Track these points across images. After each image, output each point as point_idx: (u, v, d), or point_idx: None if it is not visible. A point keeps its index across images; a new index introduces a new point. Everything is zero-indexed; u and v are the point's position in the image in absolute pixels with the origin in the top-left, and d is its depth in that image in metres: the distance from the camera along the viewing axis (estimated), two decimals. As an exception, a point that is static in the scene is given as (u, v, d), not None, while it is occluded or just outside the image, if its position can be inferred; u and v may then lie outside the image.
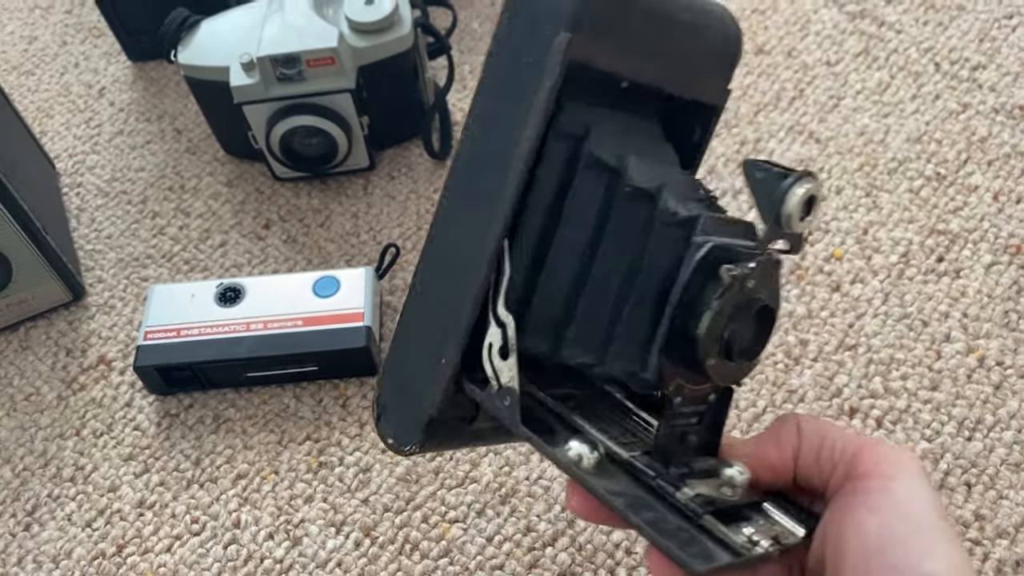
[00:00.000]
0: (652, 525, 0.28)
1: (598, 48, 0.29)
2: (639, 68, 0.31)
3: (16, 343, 0.59)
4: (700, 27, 0.32)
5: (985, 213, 0.58)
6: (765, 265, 0.28)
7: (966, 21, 0.68)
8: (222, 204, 0.65)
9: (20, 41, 0.79)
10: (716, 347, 0.28)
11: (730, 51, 0.33)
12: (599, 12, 0.29)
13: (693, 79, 0.33)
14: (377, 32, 0.59)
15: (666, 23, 0.31)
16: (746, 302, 0.28)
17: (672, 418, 0.30)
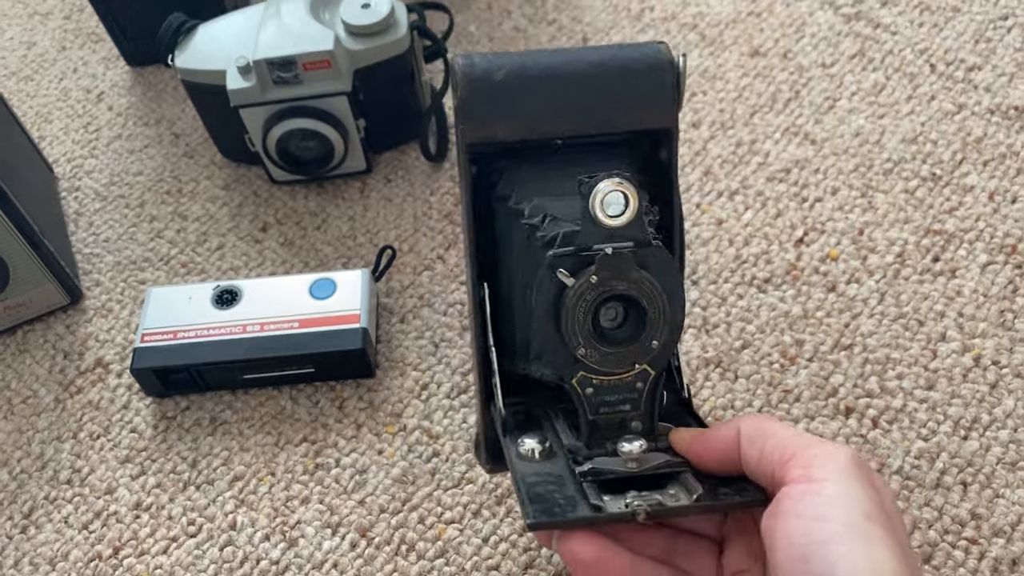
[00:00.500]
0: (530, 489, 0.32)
1: (490, 127, 0.36)
2: (551, 126, 0.36)
3: (14, 346, 0.59)
4: (607, 71, 0.36)
5: (980, 213, 0.58)
6: (605, 260, 0.31)
7: (961, 22, 0.68)
8: (219, 207, 0.65)
9: (19, 47, 0.79)
10: (579, 339, 0.32)
11: (663, 79, 0.36)
12: (476, 103, 0.35)
13: (624, 115, 0.36)
14: (373, 35, 0.59)
15: (553, 84, 0.36)
16: (602, 295, 0.32)
17: (592, 408, 0.34)
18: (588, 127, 0.36)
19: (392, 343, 0.56)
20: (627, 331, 0.33)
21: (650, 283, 0.32)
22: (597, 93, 0.36)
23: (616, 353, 0.33)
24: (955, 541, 0.45)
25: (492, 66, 0.36)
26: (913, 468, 0.48)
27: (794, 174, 0.61)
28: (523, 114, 0.36)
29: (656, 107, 0.36)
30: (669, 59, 0.36)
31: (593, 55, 0.36)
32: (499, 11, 0.75)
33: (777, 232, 0.58)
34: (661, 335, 0.33)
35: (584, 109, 0.36)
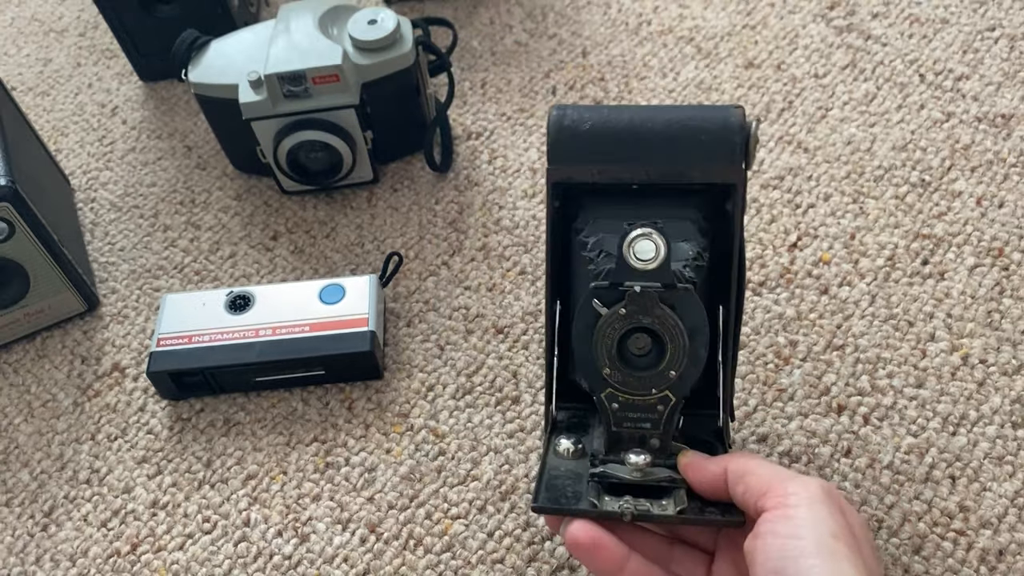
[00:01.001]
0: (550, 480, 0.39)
1: (572, 169, 0.41)
2: (625, 174, 0.40)
3: (33, 352, 0.61)
4: (681, 129, 0.40)
5: (968, 217, 0.59)
6: (633, 297, 0.36)
7: (949, 34, 0.70)
8: (231, 217, 0.67)
9: (36, 63, 0.81)
10: (606, 360, 0.37)
11: (732, 139, 0.39)
12: (562, 149, 0.41)
13: (693, 170, 0.40)
14: (380, 50, 0.61)
15: (631, 137, 0.40)
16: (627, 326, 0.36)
17: (616, 421, 0.38)
18: (657, 177, 0.40)
19: (399, 346, 0.58)
20: (648, 360, 0.37)
21: (673, 320, 0.36)
22: (669, 148, 0.40)
23: (637, 377, 0.37)
24: (944, 533, 0.47)
25: (581, 118, 0.41)
26: (903, 463, 0.50)
27: (788, 181, 0.63)
28: (600, 162, 0.40)
29: (722, 164, 0.39)
30: (739, 122, 0.39)
31: (671, 114, 0.40)
32: (501, 26, 0.77)
33: (771, 237, 0.60)
34: (680, 366, 0.37)
35: (656, 161, 0.40)
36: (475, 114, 0.71)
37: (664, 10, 0.76)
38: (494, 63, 0.74)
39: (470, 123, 0.71)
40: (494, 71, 0.74)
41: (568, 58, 0.74)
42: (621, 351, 0.37)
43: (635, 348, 0.37)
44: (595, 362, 0.37)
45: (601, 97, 0.70)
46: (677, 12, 0.76)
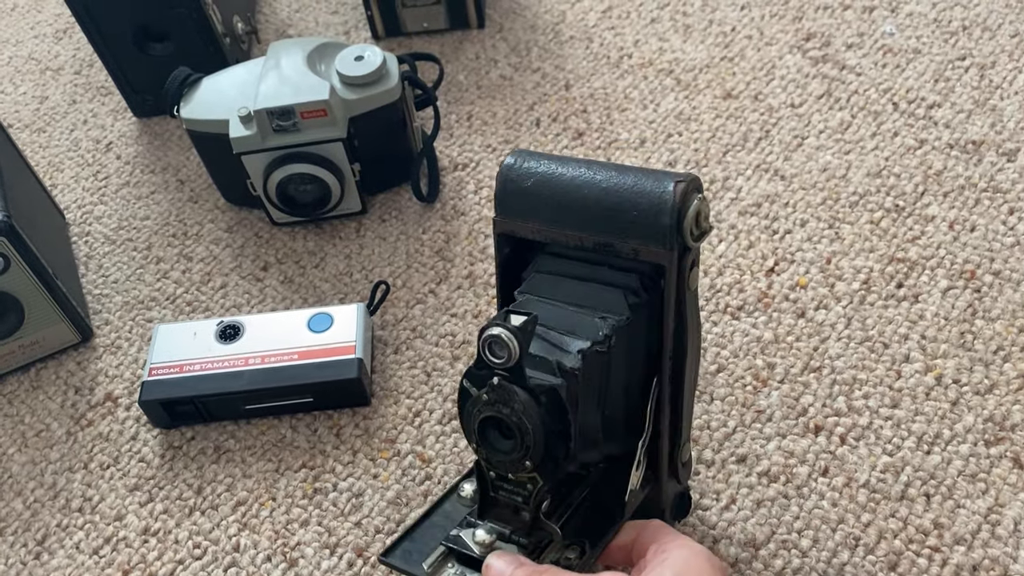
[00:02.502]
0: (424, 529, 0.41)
1: (516, 224, 0.41)
2: (560, 236, 0.40)
3: (27, 383, 0.62)
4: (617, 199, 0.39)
5: (941, 241, 0.61)
6: (492, 388, 0.36)
7: (922, 63, 0.72)
8: (223, 249, 0.68)
9: (32, 101, 0.83)
10: (473, 437, 0.37)
11: (662, 221, 0.37)
12: (507, 202, 0.41)
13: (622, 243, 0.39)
14: (366, 85, 0.63)
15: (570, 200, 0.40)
16: (485, 413, 0.36)
17: (492, 487, 0.39)
18: (591, 246, 0.40)
19: (386, 373, 0.59)
20: (508, 444, 0.36)
21: (531, 413, 0.35)
22: (603, 219, 0.39)
23: (497, 460, 0.37)
24: (919, 550, 0.48)
25: (527, 172, 0.41)
26: (879, 482, 0.51)
27: (765, 208, 0.65)
28: (539, 220, 0.41)
29: (651, 243, 0.38)
30: (673, 202, 0.37)
31: (613, 180, 0.39)
32: (486, 60, 0.79)
33: (749, 263, 0.62)
34: (535, 459, 0.36)
35: (590, 230, 0.39)
36: (461, 146, 0.73)
37: (644, 44, 0.78)
38: (479, 96, 0.76)
39: (456, 155, 0.72)
40: (480, 104, 0.76)
41: (551, 91, 0.76)
42: (485, 432, 0.37)
43: (500, 429, 0.37)
44: (467, 434, 0.38)
45: (584, 128, 0.72)
46: (657, 46, 0.78)
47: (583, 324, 0.38)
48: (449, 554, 0.39)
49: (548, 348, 0.37)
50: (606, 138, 0.71)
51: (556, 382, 0.36)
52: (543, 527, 0.38)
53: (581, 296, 0.40)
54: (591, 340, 0.37)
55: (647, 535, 0.40)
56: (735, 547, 0.49)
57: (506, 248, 0.43)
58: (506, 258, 0.43)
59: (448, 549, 0.39)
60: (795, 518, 0.50)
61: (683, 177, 0.38)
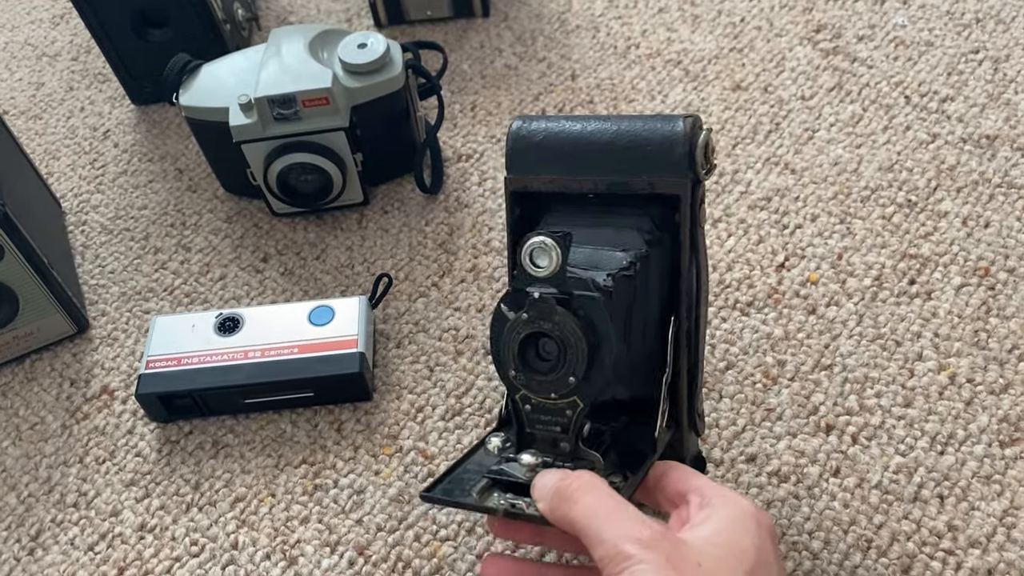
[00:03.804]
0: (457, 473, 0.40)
1: (528, 179, 0.42)
2: (575, 184, 0.42)
3: (22, 374, 0.61)
4: (628, 140, 0.41)
5: (955, 237, 0.60)
6: (533, 303, 0.36)
7: (934, 56, 0.71)
8: (222, 239, 0.67)
9: (28, 87, 0.82)
10: (511, 363, 0.38)
11: (676, 151, 0.40)
12: (518, 159, 0.43)
13: (637, 181, 0.40)
14: (369, 73, 0.62)
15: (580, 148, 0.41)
16: (527, 331, 0.37)
17: (529, 422, 0.39)
18: (604, 188, 0.41)
19: (388, 367, 0.58)
20: (550, 364, 0.37)
21: (571, 327, 0.36)
22: (616, 159, 0.41)
23: (539, 381, 0.38)
24: (933, 552, 0.47)
25: (537, 129, 0.42)
26: (892, 483, 0.50)
27: (775, 202, 0.64)
28: (552, 172, 0.42)
29: (667, 175, 0.40)
30: (684, 133, 0.40)
31: (621, 124, 0.41)
32: (491, 49, 0.78)
33: (759, 258, 0.61)
34: (579, 372, 0.37)
35: (603, 172, 0.41)
36: (465, 136, 0.72)
37: (652, 34, 0.77)
38: (484, 86, 0.75)
39: (460, 145, 0.71)
40: (484, 94, 0.74)
41: (557, 81, 0.74)
42: (524, 355, 0.37)
43: (544, 352, 0.38)
44: (504, 364, 0.38)
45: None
46: (665, 36, 0.77)
47: (605, 258, 0.40)
48: (493, 485, 0.39)
49: (580, 272, 0.38)
50: (613, 130, 0.70)
51: (594, 294, 0.36)
52: (584, 456, 0.39)
53: (597, 239, 0.41)
54: (618, 268, 0.39)
55: (677, 475, 0.39)
56: (745, 548, 0.48)
57: (517, 209, 0.43)
58: (517, 219, 0.44)
59: (492, 480, 0.39)
60: (806, 519, 0.49)
61: (688, 115, 0.40)
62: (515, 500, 0.38)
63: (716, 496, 0.37)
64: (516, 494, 0.39)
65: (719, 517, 0.36)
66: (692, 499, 0.37)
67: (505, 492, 0.39)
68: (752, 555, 0.34)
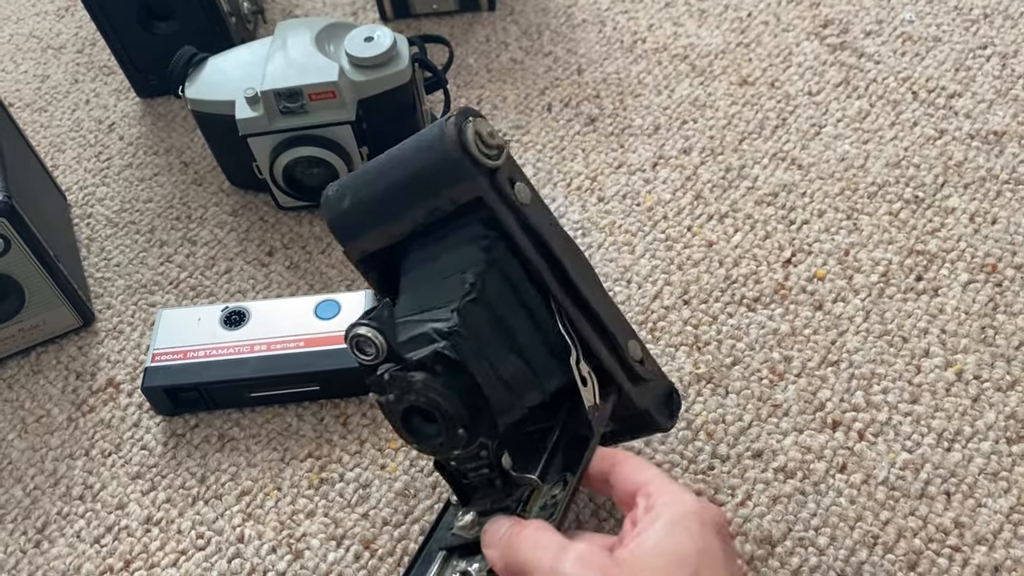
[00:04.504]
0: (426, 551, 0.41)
1: (360, 243, 0.42)
2: (397, 228, 0.41)
3: (28, 367, 0.61)
4: (415, 167, 0.39)
5: (962, 234, 0.60)
6: (389, 383, 0.35)
7: (942, 52, 0.71)
8: (227, 233, 0.67)
9: (34, 80, 0.82)
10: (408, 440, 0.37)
11: (452, 157, 0.38)
12: (340, 229, 0.42)
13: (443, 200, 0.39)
14: (376, 67, 0.62)
15: (384, 194, 0.40)
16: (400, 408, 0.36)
17: (460, 474, 0.39)
18: (423, 218, 0.40)
19: (394, 362, 0.58)
20: (434, 427, 0.36)
21: (435, 387, 0.35)
22: (414, 190, 0.39)
23: (437, 444, 0.37)
24: (939, 549, 0.47)
25: (341, 194, 0.42)
26: (898, 479, 0.50)
27: (782, 198, 0.63)
28: (373, 226, 0.41)
29: (457, 184, 0.38)
30: (451, 135, 0.38)
31: (403, 153, 0.40)
32: (497, 43, 0.78)
33: (766, 253, 0.60)
34: (464, 423, 0.36)
35: (412, 206, 0.40)
36: (471, 131, 0.71)
37: (659, 28, 0.77)
38: (490, 80, 0.75)
39: (466, 139, 0.71)
40: (490, 88, 0.74)
41: (563, 75, 0.74)
42: (410, 427, 0.37)
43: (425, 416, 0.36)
44: (404, 440, 0.37)
45: (596, 114, 0.71)
46: (672, 30, 0.76)
47: (452, 288, 0.39)
48: (451, 554, 0.40)
49: (424, 322, 0.37)
50: (619, 124, 0.70)
51: (438, 345, 0.35)
52: (518, 482, 0.38)
53: (442, 269, 0.40)
54: (461, 296, 0.38)
55: (626, 472, 0.39)
56: (751, 544, 0.48)
57: (372, 273, 0.43)
58: (379, 283, 0.43)
59: (447, 552, 0.40)
60: (812, 515, 0.49)
61: (452, 113, 0.38)
62: (467, 568, 0.38)
63: (660, 497, 0.37)
64: (471, 554, 0.39)
65: (662, 522, 0.36)
66: (640, 502, 0.38)
67: (462, 558, 0.39)
68: (694, 559, 0.35)
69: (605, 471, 0.40)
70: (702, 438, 0.52)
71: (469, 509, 0.39)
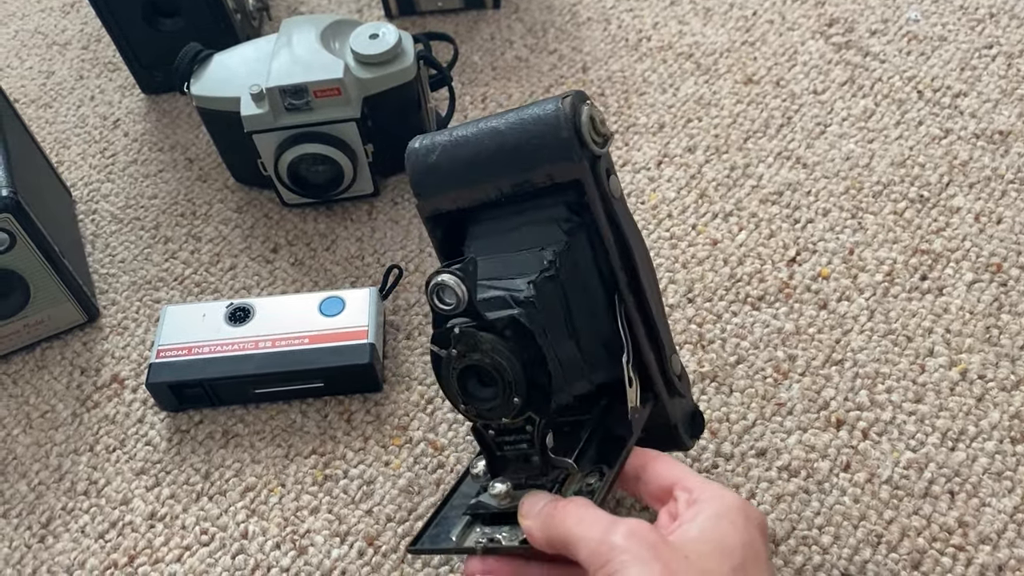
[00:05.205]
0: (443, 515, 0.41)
1: (436, 200, 0.42)
2: (480, 194, 0.41)
3: (32, 363, 0.61)
4: (514, 138, 0.40)
5: (967, 233, 0.60)
6: (458, 338, 0.36)
7: (948, 51, 0.71)
8: (232, 229, 0.67)
9: (39, 76, 0.82)
10: (457, 398, 0.37)
11: (560, 136, 0.38)
12: (421, 184, 0.42)
13: (536, 174, 0.39)
14: (381, 64, 0.62)
15: (474, 157, 0.40)
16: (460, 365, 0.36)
17: (496, 446, 0.39)
18: (509, 189, 0.40)
19: (398, 359, 0.58)
20: (492, 390, 0.37)
21: (502, 350, 0.36)
22: (509, 159, 0.40)
23: (488, 409, 0.37)
24: (943, 548, 0.47)
25: (430, 148, 0.42)
26: (902, 478, 0.50)
27: (786, 196, 0.63)
28: (455, 188, 0.41)
29: (559, 162, 0.39)
30: (566, 116, 0.38)
31: (507, 123, 0.40)
32: (502, 41, 0.78)
33: (770, 252, 0.60)
34: (521, 391, 0.36)
35: (501, 175, 0.40)
36: (475, 128, 0.71)
37: (664, 26, 0.77)
38: (495, 78, 0.75)
39: (470, 137, 0.71)
40: (495, 86, 0.74)
41: (568, 73, 0.74)
42: (466, 387, 0.37)
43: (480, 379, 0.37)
44: (452, 400, 0.38)
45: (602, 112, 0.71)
46: (676, 28, 0.76)
47: (527, 262, 0.39)
48: (474, 521, 0.40)
49: (499, 290, 0.38)
50: (624, 122, 0.70)
51: (514, 311, 0.36)
52: (555, 464, 0.38)
53: (518, 242, 0.40)
54: (539, 271, 0.38)
55: (660, 469, 0.39)
56: (754, 542, 0.48)
57: (438, 231, 0.43)
58: (442, 242, 0.43)
59: (472, 517, 0.40)
60: (816, 514, 0.49)
61: (567, 94, 0.39)
62: (493, 534, 0.38)
63: (703, 492, 0.37)
64: (496, 525, 0.39)
65: (707, 514, 0.36)
66: (679, 495, 0.37)
67: (485, 526, 0.39)
68: (740, 552, 0.34)
69: (637, 467, 0.40)
70: (706, 436, 0.52)
71: (505, 480, 0.39)
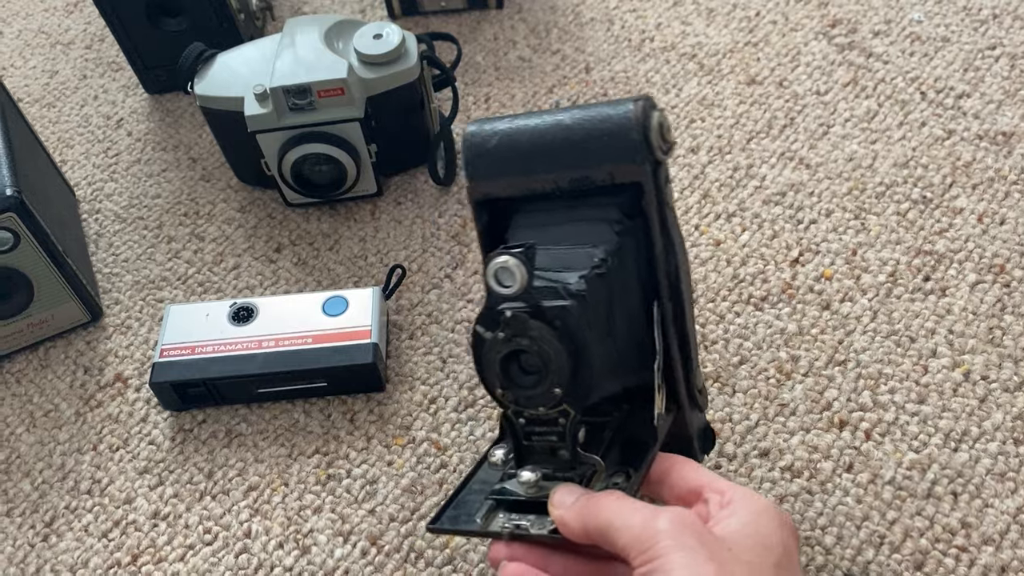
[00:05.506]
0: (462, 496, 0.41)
1: (489, 185, 0.41)
2: (536, 184, 0.41)
3: (36, 362, 0.61)
4: (580, 134, 0.40)
5: (970, 234, 0.60)
6: (508, 321, 0.36)
7: (951, 52, 0.71)
8: (235, 229, 0.67)
9: (42, 75, 0.82)
10: (496, 382, 0.37)
11: (629, 137, 0.38)
12: (476, 167, 0.41)
13: (596, 172, 0.40)
14: (385, 64, 0.62)
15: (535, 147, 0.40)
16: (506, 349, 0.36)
17: (524, 435, 0.39)
18: (566, 184, 0.40)
19: (401, 358, 0.58)
20: (534, 379, 0.37)
21: (550, 339, 0.36)
22: (571, 154, 0.40)
23: (526, 396, 0.37)
24: (946, 549, 0.47)
25: (490, 133, 0.41)
26: (905, 479, 0.50)
27: (789, 197, 0.63)
28: (511, 175, 0.41)
29: (624, 163, 0.39)
30: (636, 118, 0.38)
31: (573, 118, 0.40)
32: (505, 41, 0.78)
33: (773, 252, 0.60)
34: (563, 382, 0.36)
35: (560, 169, 0.40)
36: (479, 128, 0.71)
37: (667, 27, 0.77)
38: (498, 78, 0.75)
39: (474, 137, 0.71)
40: (498, 86, 0.74)
41: (571, 73, 0.74)
42: (507, 372, 0.37)
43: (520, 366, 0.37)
44: (490, 384, 0.38)
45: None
46: (680, 29, 0.76)
47: (576, 257, 0.39)
48: (497, 507, 0.39)
49: (550, 280, 0.37)
50: (627, 123, 0.70)
51: (567, 303, 0.36)
52: (584, 460, 0.38)
53: (567, 236, 0.40)
54: (590, 267, 0.38)
55: (686, 473, 0.39)
56: (757, 543, 0.48)
57: (484, 216, 0.43)
58: (486, 226, 0.43)
59: (495, 502, 0.39)
60: (819, 514, 0.49)
61: (638, 98, 0.39)
62: (519, 520, 0.38)
63: (736, 493, 0.37)
64: (521, 512, 0.39)
65: (744, 513, 0.36)
66: (711, 497, 0.37)
67: (509, 512, 0.39)
68: (779, 550, 0.35)
69: (661, 471, 0.40)
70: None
71: (535, 469, 0.38)
